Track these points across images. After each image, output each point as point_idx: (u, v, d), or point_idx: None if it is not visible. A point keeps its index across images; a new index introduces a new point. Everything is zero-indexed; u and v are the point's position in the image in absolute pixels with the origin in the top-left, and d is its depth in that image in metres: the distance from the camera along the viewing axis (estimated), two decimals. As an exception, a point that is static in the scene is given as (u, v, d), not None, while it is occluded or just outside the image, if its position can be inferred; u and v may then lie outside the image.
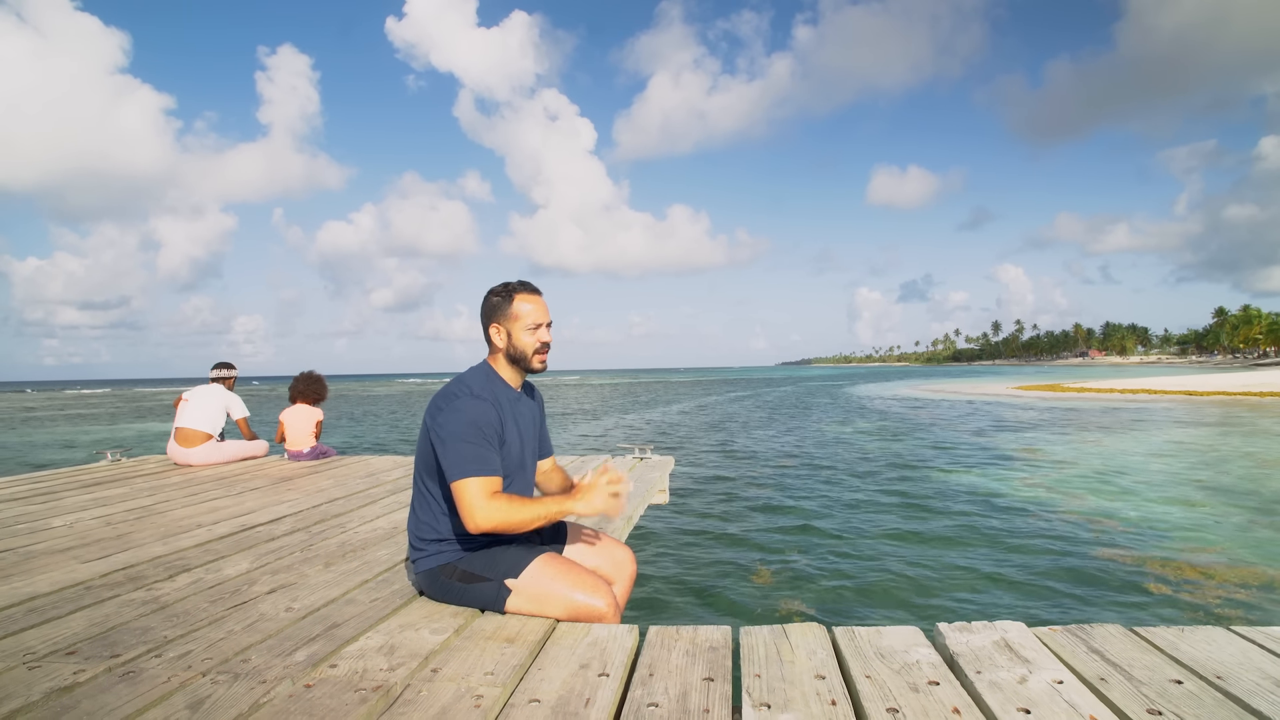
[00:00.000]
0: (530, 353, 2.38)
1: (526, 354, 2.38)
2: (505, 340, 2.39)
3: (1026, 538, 6.96)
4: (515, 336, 2.37)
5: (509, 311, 2.37)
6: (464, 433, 2.19)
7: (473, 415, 2.22)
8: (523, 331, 2.37)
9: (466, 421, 2.20)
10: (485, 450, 2.21)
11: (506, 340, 2.39)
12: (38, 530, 3.69)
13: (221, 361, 6.70)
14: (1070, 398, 32.40)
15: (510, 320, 2.37)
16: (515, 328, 2.37)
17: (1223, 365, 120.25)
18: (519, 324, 2.37)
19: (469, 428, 2.20)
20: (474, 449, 2.19)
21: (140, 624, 2.23)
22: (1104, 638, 1.94)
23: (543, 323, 2.39)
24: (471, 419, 2.21)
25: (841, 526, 7.69)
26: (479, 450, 2.19)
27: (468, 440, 2.19)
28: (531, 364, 2.40)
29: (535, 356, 2.39)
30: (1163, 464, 11.71)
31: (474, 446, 2.19)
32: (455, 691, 1.70)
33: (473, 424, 2.21)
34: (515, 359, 2.40)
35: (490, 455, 2.22)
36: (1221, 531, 7.14)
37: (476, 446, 2.19)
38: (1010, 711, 1.53)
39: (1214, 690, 1.62)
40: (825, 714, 1.56)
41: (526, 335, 2.37)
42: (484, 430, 2.22)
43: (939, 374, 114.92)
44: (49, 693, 1.72)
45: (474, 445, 2.19)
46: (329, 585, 2.62)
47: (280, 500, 4.47)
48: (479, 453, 2.19)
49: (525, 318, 2.37)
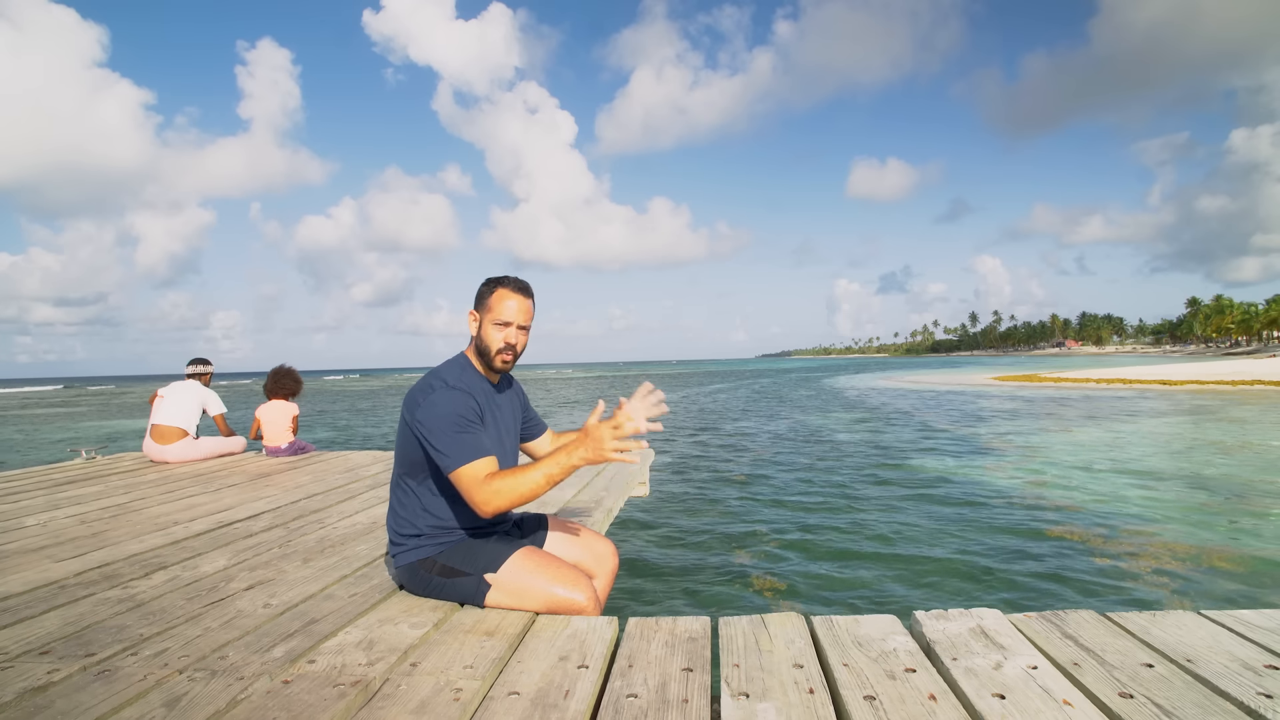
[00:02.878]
0: (493, 350, 2.35)
1: (489, 350, 2.35)
2: (476, 329, 2.38)
3: (1003, 526, 7.05)
4: (484, 329, 2.36)
5: (486, 302, 2.36)
6: (448, 423, 2.19)
7: (453, 405, 2.21)
8: (490, 325, 2.35)
9: (448, 412, 2.20)
10: (473, 435, 2.20)
11: (478, 330, 2.38)
12: (10, 530, 3.62)
13: (197, 358, 6.60)
14: (1047, 388, 32.79)
15: (485, 311, 2.36)
16: (486, 320, 2.35)
17: (1196, 354, 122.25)
18: (489, 316, 2.35)
19: (451, 417, 2.19)
20: (461, 436, 2.18)
21: (116, 622, 2.20)
22: (1077, 623, 1.97)
23: (511, 323, 2.34)
24: (452, 408, 2.20)
25: (820, 517, 7.74)
26: (467, 436, 2.19)
27: (454, 429, 2.18)
28: (493, 361, 2.37)
29: (497, 355, 2.36)
30: (1137, 452, 11.89)
31: (461, 434, 2.18)
32: (434, 685, 1.70)
33: (454, 413, 2.20)
34: (481, 351, 2.38)
35: (479, 438, 2.21)
36: (1193, 518, 7.27)
37: (463, 433, 2.19)
38: (985, 697, 1.55)
39: (1184, 673, 1.66)
40: (803, 702, 1.57)
41: (493, 330, 2.34)
42: (467, 416, 2.22)
43: (918, 365, 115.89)
44: (22, 693, 1.70)
45: (461, 433, 2.18)
46: (307, 581, 2.60)
47: (258, 496, 4.43)
48: (468, 439, 2.19)
49: (494, 312, 2.34)
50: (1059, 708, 1.51)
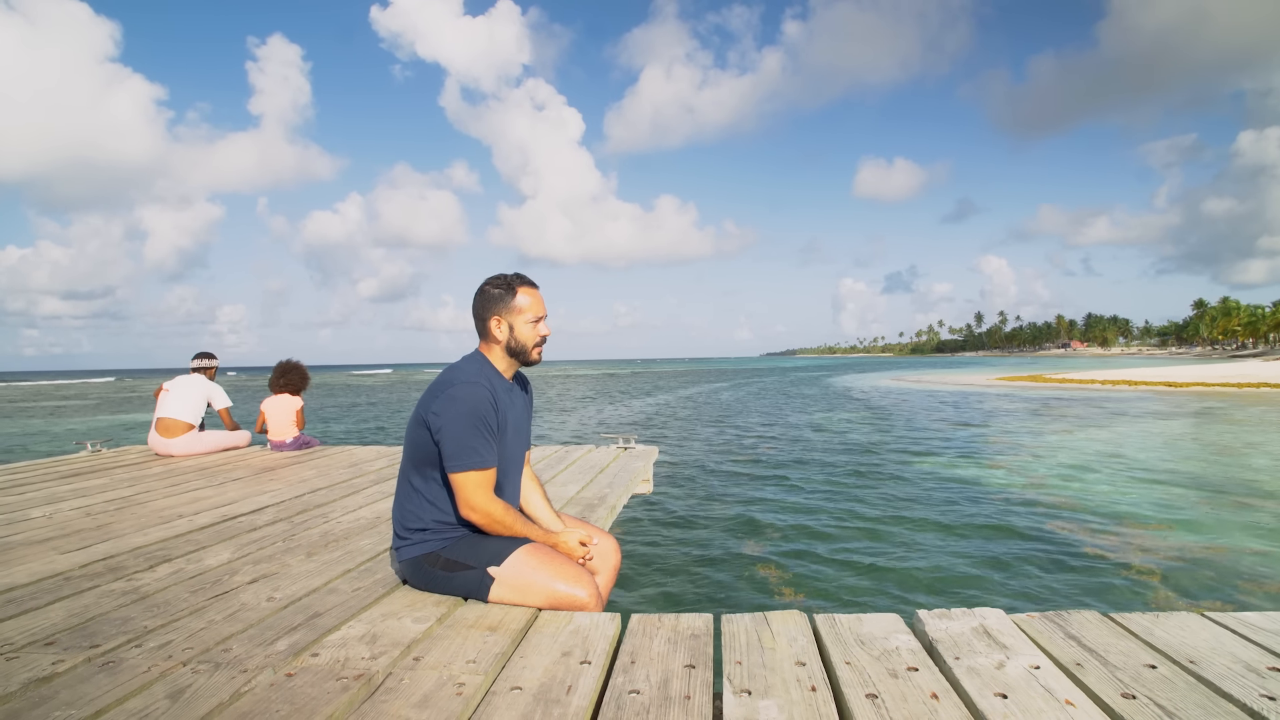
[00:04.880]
0: (531, 345, 2.41)
1: (527, 347, 2.40)
2: (507, 333, 2.39)
3: (1006, 526, 7.04)
4: (517, 330, 2.38)
5: (512, 304, 2.38)
6: (463, 423, 2.21)
7: (471, 403, 2.23)
8: (525, 325, 2.39)
9: (465, 411, 2.22)
10: (482, 442, 2.24)
11: (508, 333, 2.39)
12: (16, 521, 3.64)
13: (202, 351, 6.62)
14: (1052, 389, 32.71)
15: (513, 313, 2.38)
16: (518, 321, 2.38)
17: (1202, 357, 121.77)
18: (521, 317, 2.38)
19: (467, 417, 2.22)
20: (472, 440, 2.22)
21: (120, 614, 2.21)
22: (1080, 624, 1.96)
23: (543, 316, 2.42)
24: (470, 407, 2.23)
25: (823, 515, 7.74)
26: (476, 442, 2.22)
27: (466, 431, 2.21)
28: (531, 356, 2.43)
29: (535, 349, 2.42)
30: (1141, 454, 11.86)
31: (472, 438, 2.22)
32: (437, 679, 1.70)
33: (471, 413, 2.23)
34: (515, 352, 2.41)
35: (487, 448, 2.25)
36: (1197, 520, 7.25)
37: (474, 438, 2.22)
38: (988, 696, 1.55)
39: (1187, 674, 1.65)
40: (805, 700, 1.57)
41: (528, 329, 2.39)
42: (483, 418, 2.25)
43: (922, 365, 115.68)
44: (27, 683, 1.71)
45: (472, 436, 2.22)
46: (311, 575, 2.61)
47: (262, 490, 4.45)
48: (477, 445, 2.22)
49: (528, 311, 2.38)
50: (1061, 708, 1.50)
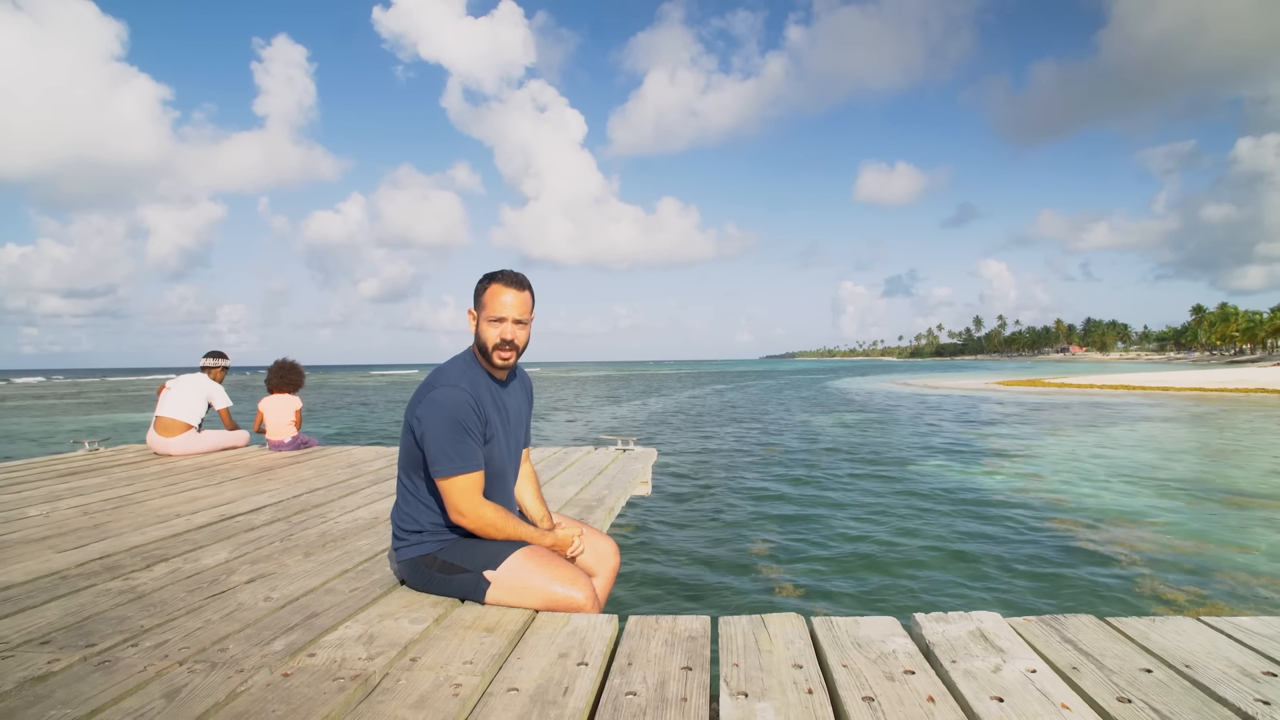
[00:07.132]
0: (490, 346, 2.29)
1: (487, 347, 2.30)
2: (474, 327, 2.34)
3: (1004, 530, 7.04)
4: (481, 326, 2.31)
5: (481, 299, 2.31)
6: (444, 427, 2.17)
7: (450, 408, 2.19)
8: (485, 323, 2.29)
9: (445, 416, 2.18)
10: (467, 445, 2.19)
11: (475, 328, 2.33)
12: (12, 520, 3.64)
13: (213, 350, 6.52)
14: (1051, 393, 32.73)
15: (480, 307, 2.31)
16: (481, 318, 2.31)
17: (1201, 362, 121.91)
18: (483, 314, 2.30)
19: (448, 422, 2.18)
20: (454, 445, 2.17)
21: (116, 613, 2.21)
22: (1077, 628, 1.97)
23: (507, 317, 2.27)
24: (449, 412, 2.18)
25: (821, 518, 7.74)
26: (460, 446, 2.18)
27: (448, 435, 2.17)
28: (491, 358, 2.30)
29: (495, 351, 2.29)
30: (1139, 458, 11.87)
31: (454, 443, 2.17)
32: (434, 680, 1.70)
33: (451, 417, 2.18)
34: (481, 349, 2.33)
35: (472, 450, 2.21)
36: (1193, 524, 7.26)
37: (458, 442, 2.18)
38: (984, 700, 1.55)
39: (1182, 679, 1.66)
40: (802, 702, 1.58)
41: (488, 327, 2.29)
42: (464, 422, 2.19)
43: (921, 368, 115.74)
44: (22, 682, 1.71)
45: (453, 442, 2.17)
46: (308, 575, 2.61)
47: (260, 490, 4.44)
48: (461, 448, 2.18)
49: (489, 307, 2.28)
50: (1057, 711, 1.51)
